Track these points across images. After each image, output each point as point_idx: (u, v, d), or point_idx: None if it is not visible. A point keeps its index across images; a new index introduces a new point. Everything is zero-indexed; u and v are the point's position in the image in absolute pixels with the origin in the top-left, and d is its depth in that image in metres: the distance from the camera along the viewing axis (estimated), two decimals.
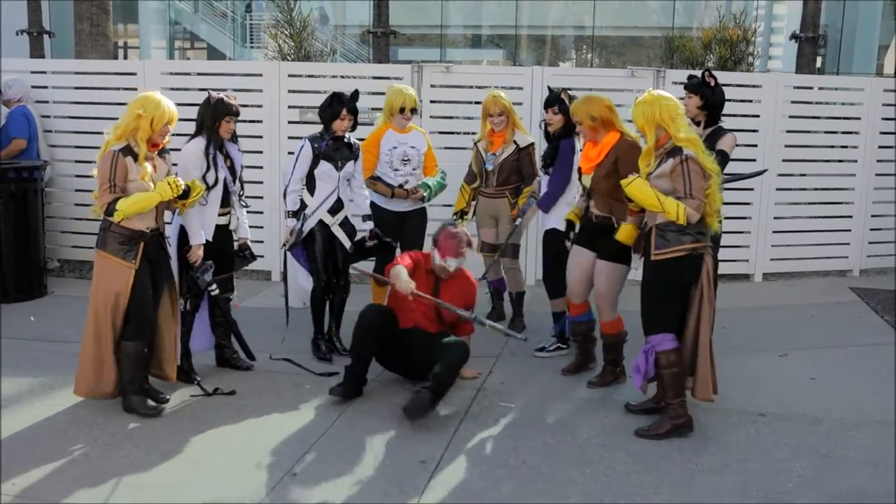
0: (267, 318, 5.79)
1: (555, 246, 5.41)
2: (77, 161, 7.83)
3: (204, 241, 4.80)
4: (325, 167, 5.31)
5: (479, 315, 4.94)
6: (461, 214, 6.15)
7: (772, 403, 4.79)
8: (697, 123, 5.17)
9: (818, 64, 13.10)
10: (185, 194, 4.49)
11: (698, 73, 5.30)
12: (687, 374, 4.37)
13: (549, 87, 5.70)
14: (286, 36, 9.39)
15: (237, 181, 5.08)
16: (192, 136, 4.90)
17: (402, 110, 5.68)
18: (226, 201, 5.00)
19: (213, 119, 4.86)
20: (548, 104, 5.51)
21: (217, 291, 4.89)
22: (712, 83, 5.13)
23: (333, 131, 5.32)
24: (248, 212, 5.23)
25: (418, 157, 5.79)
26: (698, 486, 3.81)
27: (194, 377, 4.87)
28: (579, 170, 5.09)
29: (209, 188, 4.82)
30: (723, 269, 7.92)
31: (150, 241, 4.44)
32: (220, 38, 23.01)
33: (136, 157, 4.32)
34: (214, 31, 23.06)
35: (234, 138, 5.07)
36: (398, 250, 5.80)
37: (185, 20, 24.00)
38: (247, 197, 5.25)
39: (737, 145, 7.74)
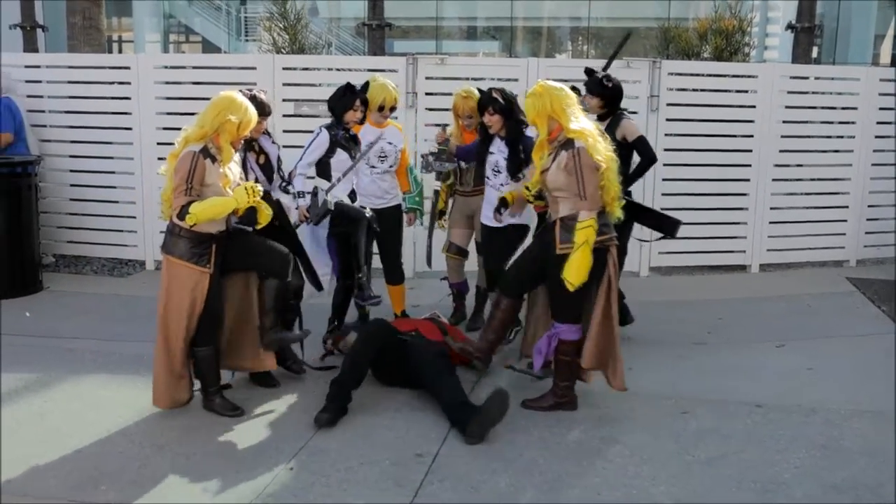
0: None
1: (518, 242, 5.42)
2: (71, 156, 7.81)
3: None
4: (342, 156, 5.23)
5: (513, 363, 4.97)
6: (439, 215, 5.99)
7: (769, 394, 4.77)
8: (600, 118, 5.37)
9: (814, 54, 13.08)
10: (251, 218, 4.37)
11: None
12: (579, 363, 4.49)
13: (478, 89, 5.53)
14: (280, 29, 9.36)
15: (277, 174, 4.96)
16: None
17: (381, 108, 5.50)
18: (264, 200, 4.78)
19: None
20: (482, 107, 5.26)
21: None
22: (610, 85, 5.36)
23: (346, 123, 5.25)
24: None
25: (395, 153, 5.62)
26: (695, 478, 3.81)
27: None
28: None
29: None
30: (719, 259, 7.95)
31: (220, 242, 4.33)
32: (215, 31, 22.98)
33: (213, 160, 4.19)
34: (209, 25, 23.03)
35: (267, 130, 4.97)
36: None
37: (180, 13, 23.95)
38: None
39: (733, 136, 7.81)
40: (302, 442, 4.12)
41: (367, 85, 5.32)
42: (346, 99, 5.20)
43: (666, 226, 5.42)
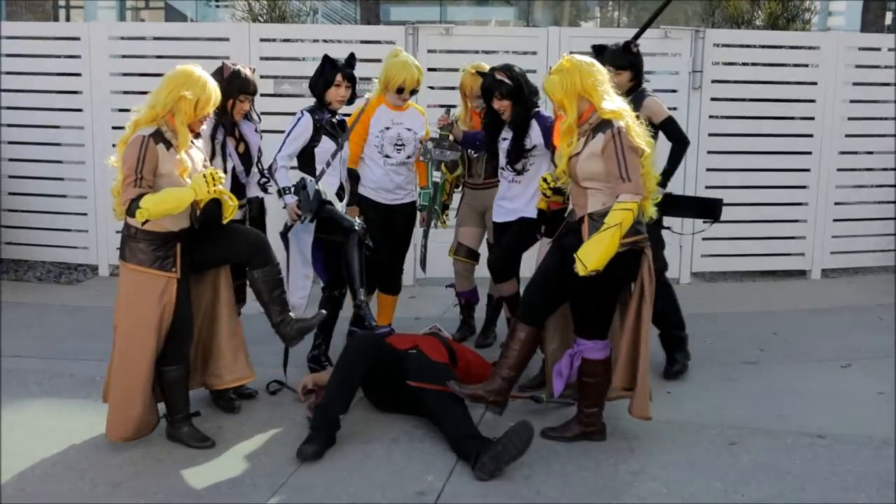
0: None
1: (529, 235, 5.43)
2: (10, 143, 7.85)
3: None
4: (327, 144, 5.23)
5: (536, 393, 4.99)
6: (442, 209, 6.00)
7: (832, 423, 4.78)
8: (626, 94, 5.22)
9: (888, 21, 13.08)
10: (213, 213, 4.34)
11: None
12: (609, 385, 4.51)
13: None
14: None
15: (255, 167, 4.99)
16: None
17: (399, 90, 5.50)
18: (238, 194, 4.80)
19: (226, 97, 4.63)
20: (488, 93, 5.28)
21: None
22: (635, 50, 5.26)
23: (329, 103, 5.24)
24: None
25: (414, 141, 5.61)
26: None
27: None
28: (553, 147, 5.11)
29: None
30: (775, 264, 7.95)
31: (185, 241, 4.34)
32: None
33: (168, 145, 4.19)
34: None
35: (255, 116, 5.00)
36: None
37: None
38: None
39: (790, 118, 7.82)
40: (283, 478, 4.13)
41: (352, 57, 5.32)
42: (326, 76, 5.19)
43: (707, 209, 5.39)
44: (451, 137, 5.55)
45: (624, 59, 5.23)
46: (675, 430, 4.65)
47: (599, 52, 5.28)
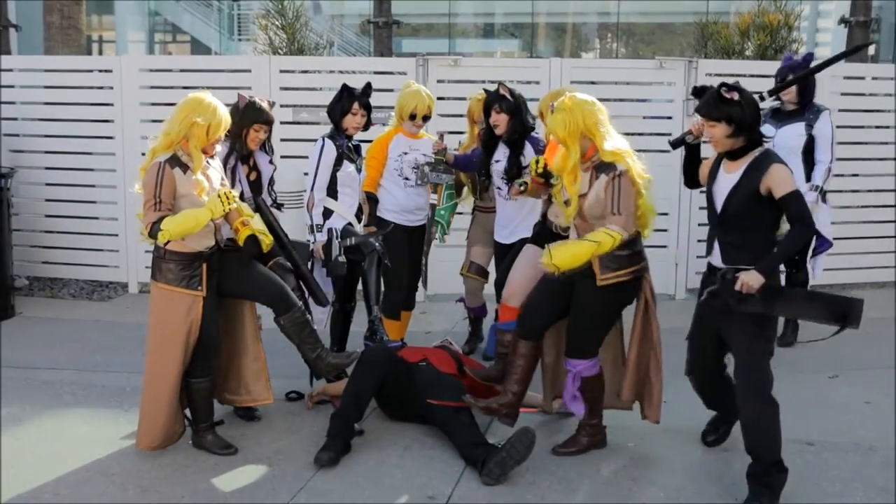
0: None
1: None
2: (47, 168, 7.92)
3: None
4: (348, 168, 5.26)
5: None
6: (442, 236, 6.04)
7: (821, 431, 4.78)
8: (735, 155, 3.99)
9: (871, 51, 13.09)
10: (251, 249, 4.44)
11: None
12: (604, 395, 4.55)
13: (484, 90, 5.57)
14: (277, 27, 9.44)
15: (266, 193, 5.01)
16: None
17: (412, 117, 5.58)
18: None
19: (240, 126, 4.72)
20: (488, 105, 5.36)
21: None
22: (735, 97, 3.88)
23: (345, 129, 5.28)
24: None
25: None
26: None
27: None
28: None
29: None
30: None
31: (210, 259, 4.38)
32: (205, 30, 23.18)
33: (184, 169, 4.22)
34: (198, 23, 23.22)
35: (267, 147, 5.02)
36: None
37: (166, 11, 24.18)
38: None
39: None
40: (301, 483, 4.15)
41: (368, 87, 5.37)
42: (344, 103, 5.24)
43: (839, 313, 4.39)
44: (445, 161, 5.60)
45: (714, 109, 3.92)
46: (672, 437, 4.66)
47: (697, 94, 4.14)
